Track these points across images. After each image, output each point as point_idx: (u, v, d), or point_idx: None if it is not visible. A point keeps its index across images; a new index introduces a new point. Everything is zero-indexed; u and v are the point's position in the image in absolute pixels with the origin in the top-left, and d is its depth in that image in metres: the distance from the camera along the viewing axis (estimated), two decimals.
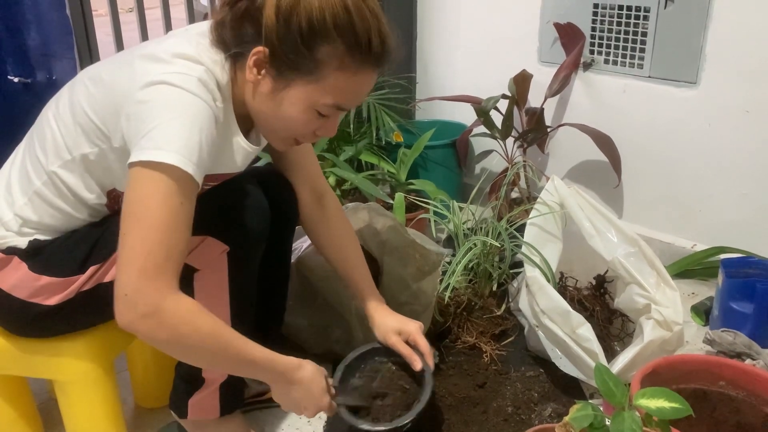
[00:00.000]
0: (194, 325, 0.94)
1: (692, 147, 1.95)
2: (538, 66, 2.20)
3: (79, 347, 1.17)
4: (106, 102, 1.01)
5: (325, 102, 1.02)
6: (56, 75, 1.70)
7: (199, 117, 0.95)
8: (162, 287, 0.91)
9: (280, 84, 1.01)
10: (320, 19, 0.95)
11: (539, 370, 1.55)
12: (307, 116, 1.03)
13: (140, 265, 0.89)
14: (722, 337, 1.56)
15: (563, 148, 2.24)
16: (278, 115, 1.04)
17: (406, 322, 1.30)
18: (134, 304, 0.89)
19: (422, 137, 2.25)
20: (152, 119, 0.92)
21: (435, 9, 2.48)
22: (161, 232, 0.90)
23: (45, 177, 1.08)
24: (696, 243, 1.99)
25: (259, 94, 1.03)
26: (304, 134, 1.09)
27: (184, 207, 0.93)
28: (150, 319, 0.90)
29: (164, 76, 0.94)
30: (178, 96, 0.94)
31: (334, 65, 0.99)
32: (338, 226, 1.36)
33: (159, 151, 0.90)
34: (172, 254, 0.91)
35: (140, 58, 0.99)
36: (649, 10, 1.93)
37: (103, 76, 1.04)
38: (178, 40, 1.03)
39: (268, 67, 1.00)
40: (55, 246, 1.10)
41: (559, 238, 1.58)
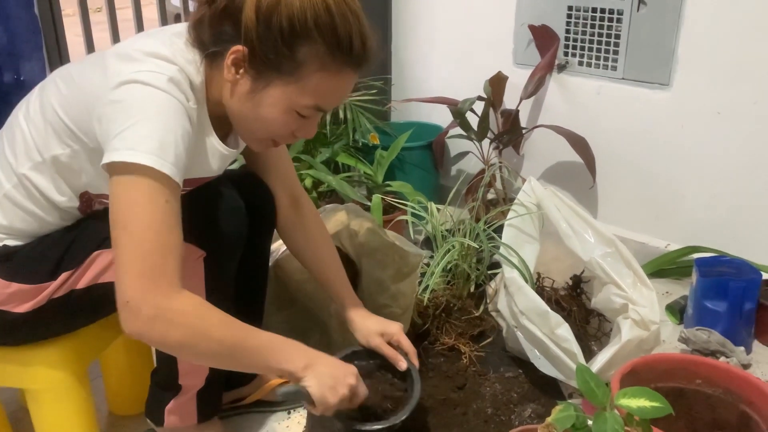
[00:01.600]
0: (206, 319, 0.93)
1: (665, 148, 1.98)
2: (513, 68, 2.21)
3: (51, 355, 1.14)
4: (77, 102, 0.99)
5: (305, 103, 1.01)
6: (24, 75, 1.66)
7: (173, 115, 0.93)
8: (165, 288, 0.89)
9: (259, 84, 0.99)
10: (301, 19, 0.94)
11: (518, 371, 1.56)
12: (287, 117, 1.02)
13: (138, 270, 0.88)
14: (697, 336, 1.59)
15: (538, 150, 2.26)
16: (257, 115, 1.02)
17: (388, 324, 1.30)
18: (138, 309, 0.88)
19: (399, 139, 2.24)
20: (125, 119, 0.90)
21: (410, 11, 2.48)
22: (152, 233, 0.89)
23: (15, 179, 1.05)
24: (670, 243, 2.02)
25: (236, 94, 1.02)
26: (283, 135, 1.07)
27: (170, 205, 0.91)
28: (158, 321, 0.88)
29: (136, 74, 0.93)
30: (150, 94, 0.92)
31: (314, 66, 0.97)
32: (314, 230, 1.35)
33: (132, 152, 0.89)
34: (168, 253, 0.90)
35: (112, 57, 0.98)
36: (622, 12, 1.95)
37: (74, 76, 1.02)
38: (152, 40, 1.01)
39: (247, 67, 0.98)
40: (25, 252, 1.07)
41: (536, 238, 1.58)
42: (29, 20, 1.63)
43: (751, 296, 1.64)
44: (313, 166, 2.09)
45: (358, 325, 1.30)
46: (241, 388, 1.42)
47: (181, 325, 0.90)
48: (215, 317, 0.94)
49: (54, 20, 1.71)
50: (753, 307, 1.64)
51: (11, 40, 1.61)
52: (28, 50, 1.64)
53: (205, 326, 0.93)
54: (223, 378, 1.27)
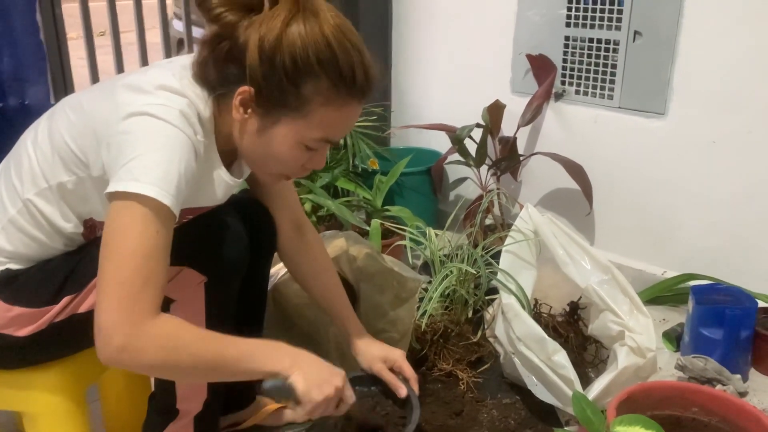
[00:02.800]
0: (181, 338, 0.93)
1: (661, 176, 2.00)
2: (511, 96, 2.24)
3: (50, 378, 1.14)
4: (86, 130, 1.00)
5: (314, 136, 1.02)
6: (29, 100, 1.68)
7: (179, 149, 0.94)
8: (138, 316, 0.89)
9: (267, 122, 1.01)
10: (304, 56, 0.96)
11: (515, 398, 1.56)
12: (296, 152, 1.04)
13: (116, 296, 0.88)
14: (694, 363, 1.59)
15: (536, 176, 2.28)
16: (267, 152, 1.04)
17: (391, 350, 1.31)
18: (109, 338, 0.88)
19: (398, 164, 2.27)
20: (132, 150, 0.92)
21: (410, 39, 2.52)
22: (137, 260, 0.89)
23: (20, 205, 1.06)
24: (666, 270, 2.03)
25: (246, 132, 1.03)
26: (294, 169, 1.09)
27: (161, 235, 0.92)
28: (128, 351, 0.89)
29: (146, 107, 0.94)
30: (159, 128, 0.94)
31: (320, 101, 0.99)
32: (318, 256, 1.36)
33: (136, 183, 0.90)
34: (149, 282, 0.90)
35: (123, 87, 0.99)
36: (618, 43, 1.98)
37: (84, 104, 1.04)
38: (162, 71, 1.02)
39: (255, 106, 1.00)
40: (28, 276, 1.08)
41: (533, 265, 1.60)
42: (35, 46, 1.65)
43: (748, 324, 1.64)
44: (312, 190, 2.11)
45: (362, 350, 1.31)
46: (238, 412, 1.42)
47: (155, 347, 0.90)
48: (189, 334, 0.94)
49: (59, 46, 1.74)
50: (749, 335, 1.65)
51: (17, 66, 1.63)
52: (33, 75, 1.67)
53: (179, 345, 0.92)
54: (221, 402, 1.27)
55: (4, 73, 1.63)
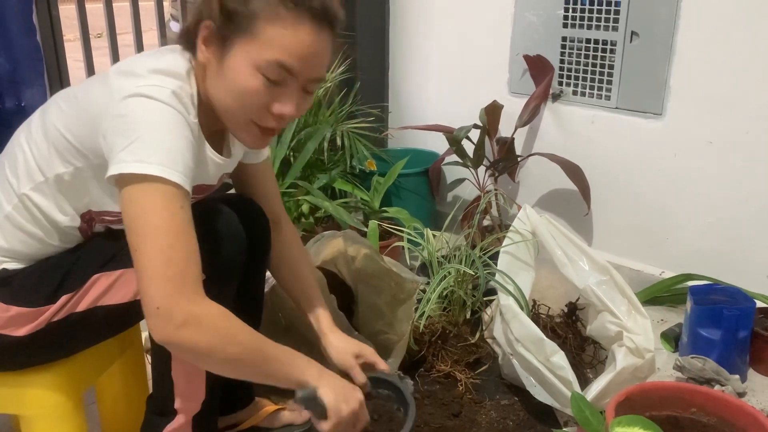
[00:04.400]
0: (233, 325, 0.95)
1: (659, 176, 2.00)
2: (508, 97, 2.24)
3: (47, 380, 1.13)
4: (81, 119, 1.00)
5: (266, 58, 0.98)
6: (25, 102, 1.68)
7: (178, 126, 0.95)
8: (191, 293, 0.91)
9: (224, 53, 1.00)
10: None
11: (514, 399, 1.56)
12: (255, 81, 1.00)
13: (164, 275, 0.89)
14: (692, 364, 1.59)
15: (533, 177, 2.28)
16: (227, 87, 1.01)
17: (363, 346, 1.30)
18: (169, 315, 0.89)
19: (395, 165, 2.27)
20: (131, 132, 0.92)
21: (407, 40, 2.52)
22: (173, 238, 0.90)
23: (16, 200, 1.06)
24: (664, 270, 2.03)
25: (210, 74, 1.03)
26: (260, 111, 1.03)
27: (185, 211, 0.93)
28: (189, 327, 0.89)
29: (140, 89, 0.95)
30: (154, 107, 0.94)
31: (266, 15, 0.97)
32: (293, 250, 1.36)
33: (143, 164, 0.90)
34: (190, 258, 0.92)
35: (115, 74, 1.00)
36: (615, 43, 1.99)
37: (77, 95, 1.04)
38: (152, 55, 1.04)
39: (214, 40, 1.01)
40: (25, 275, 1.07)
41: (531, 266, 1.60)
42: (32, 48, 1.65)
43: (745, 324, 1.64)
44: (310, 192, 2.11)
45: (334, 343, 1.29)
46: (236, 413, 1.42)
47: (211, 329, 0.92)
48: (239, 323, 0.96)
49: (56, 47, 1.74)
50: (747, 335, 1.65)
51: (14, 68, 1.63)
52: (30, 77, 1.66)
53: (232, 331, 0.95)
54: (219, 403, 1.27)
55: (0, 75, 1.62)
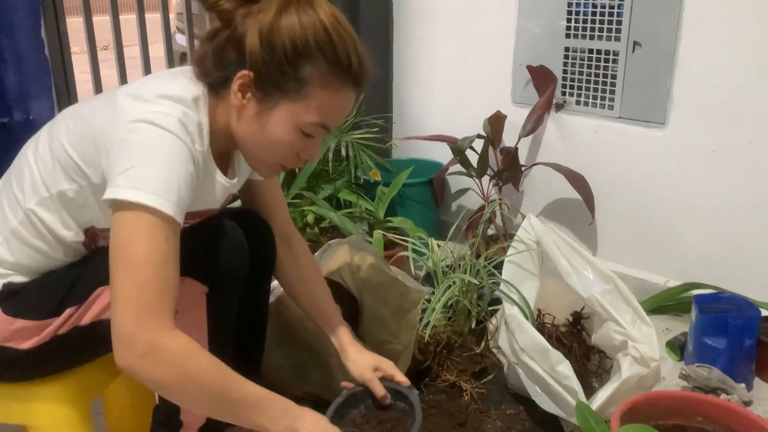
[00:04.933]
0: (194, 362, 0.93)
1: (663, 185, 2.00)
2: (511, 107, 2.25)
3: (55, 391, 1.14)
4: (86, 138, 1.01)
5: (311, 120, 1.04)
6: (33, 115, 1.70)
7: (179, 157, 0.96)
8: (158, 325, 0.90)
9: (265, 106, 1.03)
10: (303, 40, 0.99)
11: (519, 408, 1.56)
12: (293, 136, 1.05)
13: (134, 304, 0.89)
14: (697, 373, 1.59)
15: (537, 187, 2.28)
16: (264, 137, 1.05)
17: (382, 360, 1.30)
18: (133, 344, 0.89)
19: (400, 175, 2.28)
20: (131, 158, 0.93)
21: (411, 51, 2.54)
22: (151, 269, 0.90)
23: (21, 215, 1.07)
24: (669, 279, 2.03)
25: (244, 118, 1.05)
26: (289, 157, 1.09)
27: (170, 243, 0.93)
28: (149, 357, 0.89)
29: (146, 114, 0.95)
30: (158, 136, 0.95)
31: (317, 83, 1.01)
32: (306, 266, 1.37)
33: (137, 192, 0.91)
34: (164, 290, 0.91)
35: (123, 96, 1.00)
36: (617, 53, 2.00)
37: (84, 113, 1.05)
38: (162, 80, 1.04)
39: (254, 90, 1.02)
40: (30, 288, 1.08)
41: (536, 275, 1.60)
42: (40, 62, 1.67)
43: (751, 333, 1.64)
44: (315, 202, 2.12)
45: (353, 357, 1.30)
46: None
47: (170, 364, 0.91)
48: (204, 361, 0.94)
49: (63, 61, 1.76)
50: (753, 344, 1.65)
51: (22, 81, 1.65)
52: (37, 90, 1.68)
53: (193, 368, 0.93)
54: None
55: (9, 88, 1.64)
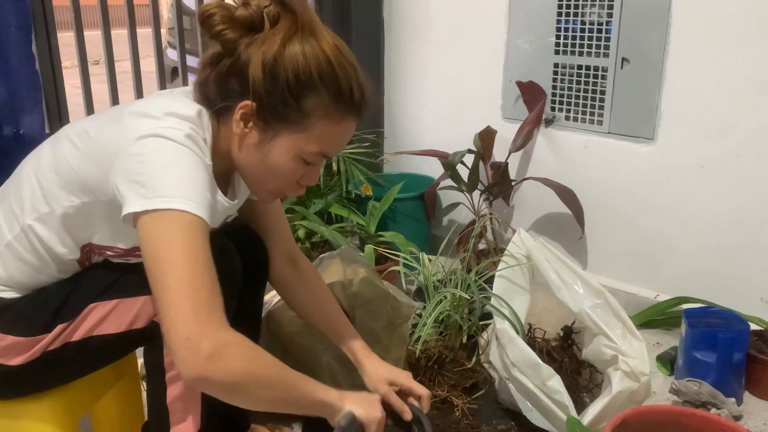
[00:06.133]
0: (260, 354, 0.94)
1: (652, 200, 2.02)
2: (502, 122, 2.27)
3: (43, 409, 1.13)
4: (93, 156, 1.01)
5: (312, 150, 1.05)
6: (23, 129, 1.69)
7: (196, 165, 0.97)
8: (218, 324, 0.90)
9: (267, 135, 1.04)
10: (306, 72, 1.00)
11: (510, 423, 1.55)
12: (294, 165, 1.06)
13: (191, 306, 0.88)
14: (688, 387, 1.59)
15: (528, 201, 2.30)
16: (265, 165, 1.06)
17: (396, 372, 1.31)
18: (198, 347, 0.87)
19: (391, 190, 2.28)
20: (149, 170, 0.93)
21: (402, 66, 2.55)
22: (199, 269, 0.90)
23: (18, 230, 1.06)
24: (659, 293, 2.04)
25: (245, 146, 1.06)
26: (290, 184, 1.11)
27: (207, 244, 0.93)
28: (216, 358, 0.88)
29: (157, 129, 0.96)
30: (172, 147, 0.96)
31: (320, 115, 1.03)
32: (313, 283, 1.37)
33: (164, 199, 0.91)
34: (215, 289, 0.91)
35: (130, 114, 1.01)
36: (606, 70, 2.02)
37: (90, 132, 1.05)
38: (166, 98, 1.05)
39: (256, 120, 1.03)
40: (21, 304, 1.08)
41: (527, 289, 1.60)
42: (31, 77, 1.67)
43: (740, 347, 1.65)
44: (306, 216, 2.12)
45: (368, 370, 1.30)
46: None
47: (238, 361, 0.90)
48: (263, 354, 0.96)
49: (54, 75, 1.76)
50: (742, 358, 1.65)
51: (12, 96, 1.64)
52: (28, 105, 1.68)
53: (261, 360, 0.95)
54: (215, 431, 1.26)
55: None
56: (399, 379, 1.29)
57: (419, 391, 1.29)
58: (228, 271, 1.13)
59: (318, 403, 1.04)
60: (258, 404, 0.98)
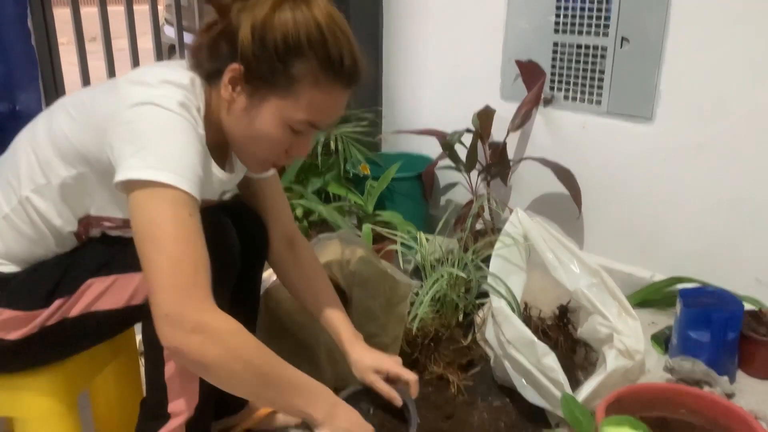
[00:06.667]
0: (241, 340, 0.94)
1: (649, 180, 2.02)
2: (500, 102, 2.26)
3: (41, 383, 1.14)
4: (88, 125, 1.01)
5: (299, 118, 1.04)
6: (20, 105, 1.68)
7: (188, 135, 0.96)
8: (201, 302, 0.90)
9: (254, 100, 1.03)
10: (295, 36, 0.99)
11: (506, 400, 1.57)
12: (281, 132, 1.05)
13: (173, 283, 0.89)
14: (681, 365, 1.61)
15: (525, 181, 2.30)
16: (252, 131, 1.05)
17: (383, 358, 1.29)
18: (179, 321, 0.88)
19: (389, 170, 2.28)
20: (141, 138, 0.93)
21: (401, 45, 2.54)
22: (182, 246, 0.90)
23: (15, 202, 1.07)
24: (655, 273, 2.05)
25: (233, 111, 1.05)
26: (278, 153, 1.09)
27: (194, 219, 0.93)
28: (199, 334, 0.89)
29: (150, 97, 0.96)
30: (164, 116, 0.95)
31: (307, 81, 1.01)
32: (310, 268, 1.37)
33: (152, 171, 0.91)
34: (198, 266, 0.91)
35: (124, 82, 1.01)
36: (606, 49, 2.01)
37: (85, 101, 1.05)
38: (162, 66, 1.05)
39: (243, 84, 1.02)
40: (19, 279, 1.08)
41: (523, 269, 1.61)
42: (27, 52, 1.65)
43: (734, 326, 1.66)
44: (304, 195, 2.12)
45: (354, 360, 1.30)
46: (230, 417, 1.43)
47: (219, 341, 0.91)
48: (251, 340, 0.96)
49: (50, 51, 1.74)
50: (736, 337, 1.67)
51: (8, 72, 1.63)
52: (24, 81, 1.67)
53: (242, 347, 0.94)
54: (213, 408, 1.27)
55: None
56: (385, 366, 1.28)
57: (407, 376, 1.28)
58: (223, 246, 1.13)
59: (298, 412, 1.03)
60: (231, 390, 0.98)
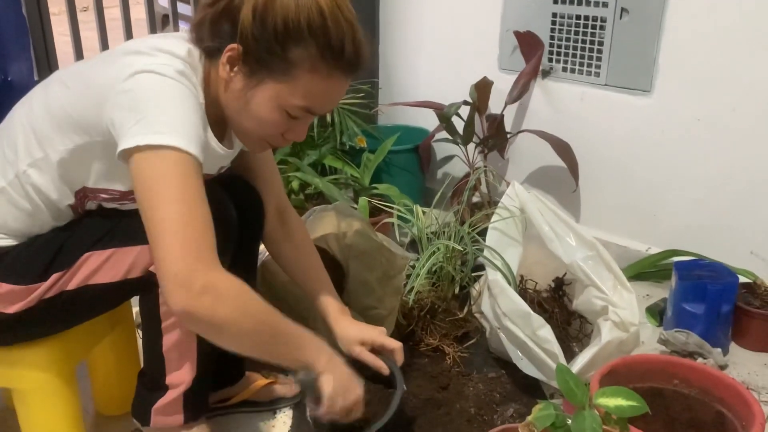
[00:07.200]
0: (249, 299, 0.95)
1: (647, 153, 2.01)
2: (498, 73, 2.24)
3: (39, 355, 1.14)
4: (87, 96, 1.00)
5: (295, 103, 1.03)
6: (12, 76, 1.67)
7: (188, 101, 0.96)
8: (209, 262, 0.91)
9: (252, 81, 1.02)
10: (295, 20, 0.97)
11: (501, 372, 1.58)
12: (276, 116, 1.05)
13: (182, 242, 0.88)
14: (675, 337, 1.62)
15: (523, 154, 2.29)
16: (248, 113, 1.05)
17: (367, 330, 1.31)
18: (188, 281, 0.88)
19: (386, 142, 2.27)
20: (142, 106, 0.93)
21: (397, 16, 2.50)
22: (189, 206, 0.91)
23: (12, 176, 1.06)
24: (650, 246, 2.06)
25: (230, 90, 1.05)
26: (273, 136, 1.09)
27: (200, 181, 0.93)
28: (208, 294, 0.89)
29: (148, 66, 0.95)
30: (164, 82, 0.95)
31: (305, 67, 1.01)
32: (300, 241, 1.37)
33: (158, 135, 0.91)
34: (206, 227, 0.92)
35: (122, 53, 1.00)
36: (605, 20, 1.99)
37: (83, 72, 1.05)
38: (160, 38, 1.04)
39: (241, 65, 1.02)
40: (17, 252, 1.08)
41: (519, 242, 1.61)
42: (17, 22, 1.63)
43: (728, 299, 1.67)
44: (300, 168, 2.11)
45: (339, 334, 1.32)
46: (228, 388, 1.44)
47: (229, 299, 0.92)
48: (258, 298, 0.97)
49: (42, 21, 1.72)
50: (730, 310, 1.68)
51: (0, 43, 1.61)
52: (15, 51, 1.65)
53: (250, 304, 0.95)
54: (211, 378, 1.28)
55: None
56: (369, 338, 1.30)
57: (391, 345, 1.31)
58: (221, 219, 1.13)
59: (300, 363, 1.06)
60: (239, 348, 0.99)
